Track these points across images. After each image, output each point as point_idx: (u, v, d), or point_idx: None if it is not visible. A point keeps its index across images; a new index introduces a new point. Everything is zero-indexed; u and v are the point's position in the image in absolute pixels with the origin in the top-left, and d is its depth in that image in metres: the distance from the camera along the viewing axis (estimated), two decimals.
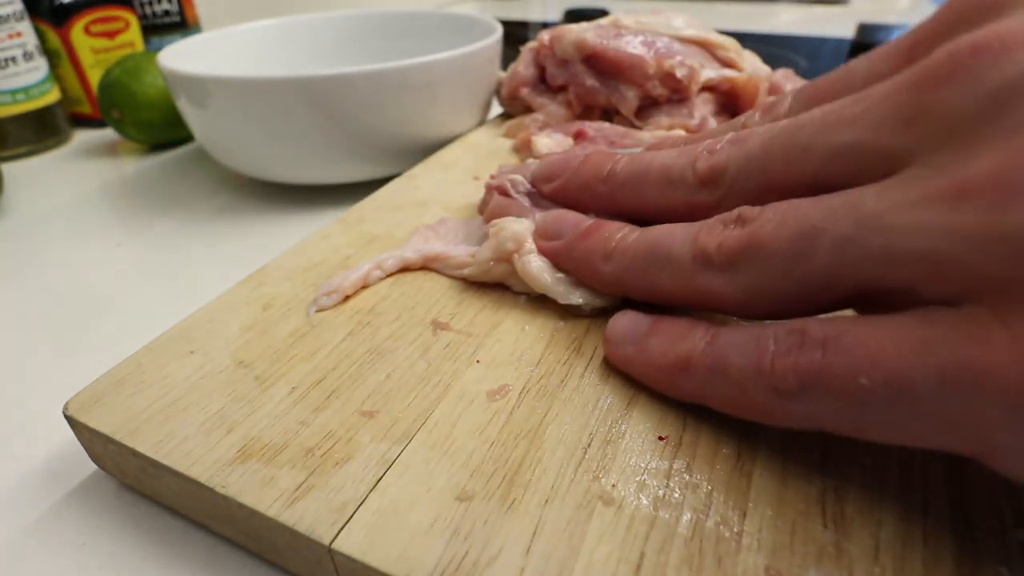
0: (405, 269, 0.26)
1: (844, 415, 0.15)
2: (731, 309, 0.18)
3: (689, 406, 0.18)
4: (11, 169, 0.47)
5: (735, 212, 0.18)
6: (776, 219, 0.16)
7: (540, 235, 0.23)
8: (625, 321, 0.20)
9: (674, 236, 0.19)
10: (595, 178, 0.23)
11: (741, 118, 0.23)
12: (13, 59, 0.46)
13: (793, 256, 0.16)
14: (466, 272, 0.24)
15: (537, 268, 0.22)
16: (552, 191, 0.24)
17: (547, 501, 0.16)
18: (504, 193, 0.26)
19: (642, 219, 0.21)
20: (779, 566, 0.14)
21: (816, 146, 0.17)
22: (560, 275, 0.22)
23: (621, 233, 0.21)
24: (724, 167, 0.19)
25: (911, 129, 0.15)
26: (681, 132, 0.37)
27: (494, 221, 0.25)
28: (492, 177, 0.27)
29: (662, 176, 0.21)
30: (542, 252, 0.23)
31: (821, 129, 0.17)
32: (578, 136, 0.36)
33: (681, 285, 0.18)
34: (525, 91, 0.42)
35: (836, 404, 0.14)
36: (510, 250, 0.23)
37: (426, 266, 0.26)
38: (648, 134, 0.35)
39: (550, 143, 0.35)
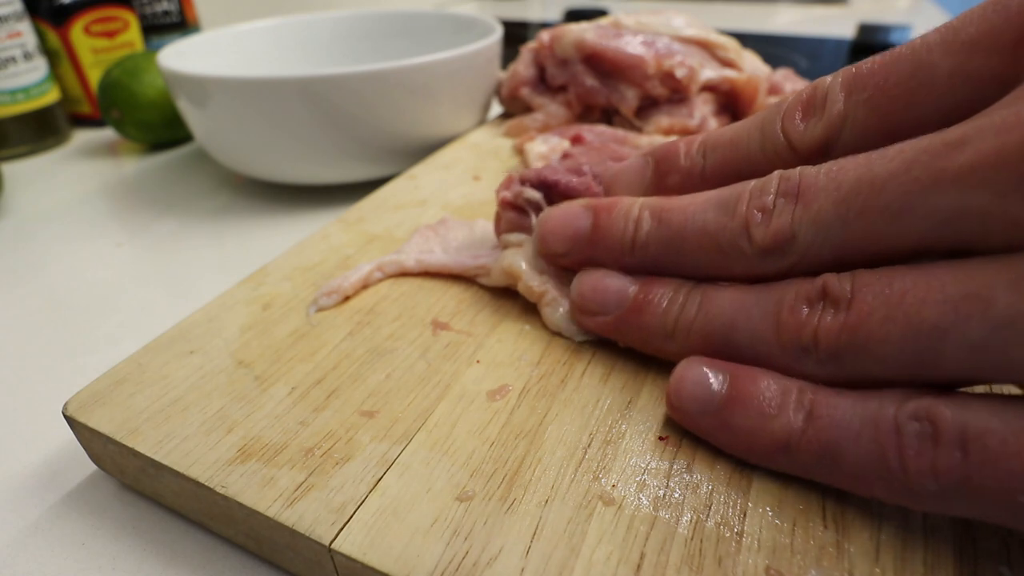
0: (404, 274, 0.26)
1: (998, 518, 0.13)
2: (825, 384, 0.16)
3: None
4: (11, 169, 0.47)
5: (819, 285, 0.15)
6: (880, 310, 0.14)
7: (580, 310, 0.20)
8: (692, 383, 0.17)
9: (751, 317, 0.16)
10: (618, 250, 0.19)
11: (772, 117, 0.18)
12: (13, 59, 0.46)
13: (912, 359, 0.14)
14: (480, 281, 0.24)
15: (562, 318, 0.21)
16: (570, 265, 0.21)
17: (547, 501, 0.16)
18: (519, 209, 0.24)
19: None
20: (779, 566, 0.14)
21: (913, 211, 0.13)
22: None
23: (678, 304, 0.18)
24: (790, 235, 0.16)
25: None
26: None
27: (508, 238, 0.24)
28: (505, 189, 0.24)
29: (706, 242, 0.17)
30: (587, 328, 0.20)
31: (915, 187, 0.13)
32: (575, 140, 0.36)
33: (774, 371, 0.16)
34: (525, 91, 0.42)
35: (986, 509, 0.13)
36: (529, 298, 0.22)
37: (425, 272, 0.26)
38: (647, 138, 0.35)
39: (544, 149, 0.35)
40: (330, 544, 0.15)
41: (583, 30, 0.39)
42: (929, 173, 0.13)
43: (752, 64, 0.41)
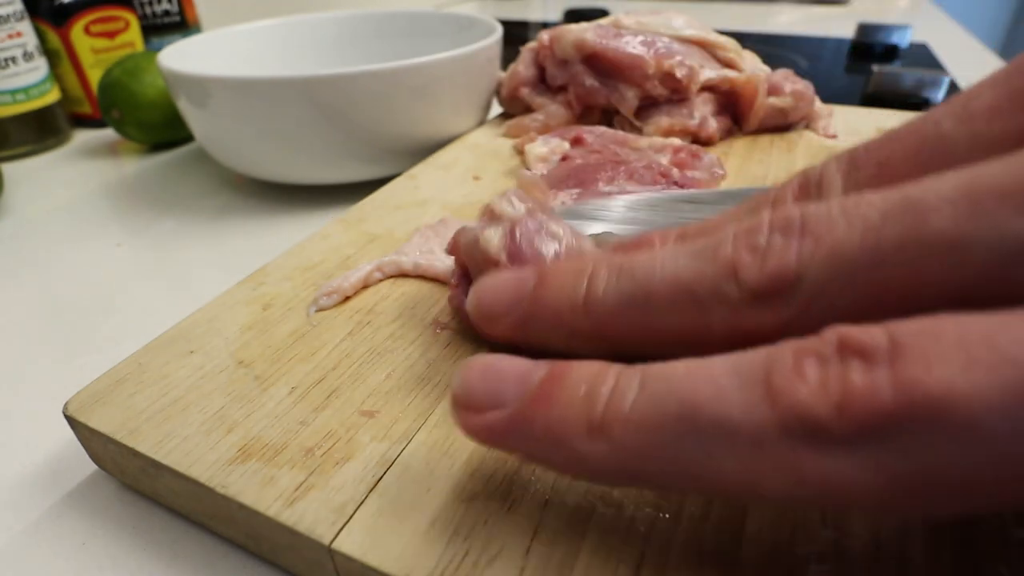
0: (404, 275, 0.26)
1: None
2: (861, 503, 0.10)
3: None
4: (11, 169, 0.47)
5: (833, 339, 0.11)
6: (955, 362, 0.09)
7: (462, 405, 0.14)
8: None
9: (723, 389, 0.11)
10: (568, 308, 0.15)
11: (761, 198, 0.15)
12: (13, 59, 0.46)
13: (1009, 432, 0.09)
14: None
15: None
16: (505, 334, 0.17)
17: (547, 501, 0.16)
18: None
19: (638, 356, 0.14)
20: (779, 566, 0.14)
21: (977, 239, 0.10)
22: None
23: (608, 385, 0.12)
24: (794, 275, 0.12)
25: None
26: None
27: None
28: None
29: (680, 293, 0.13)
30: (471, 433, 0.14)
31: (979, 209, 0.10)
32: (575, 142, 0.36)
33: (764, 474, 0.11)
34: (525, 91, 0.42)
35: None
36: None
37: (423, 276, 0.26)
38: (647, 140, 0.35)
39: (544, 151, 0.35)
40: (330, 544, 0.15)
41: (583, 30, 0.39)
42: (996, 192, 0.10)
43: (752, 64, 0.41)
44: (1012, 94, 0.12)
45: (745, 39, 0.45)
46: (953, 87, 0.56)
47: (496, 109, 0.46)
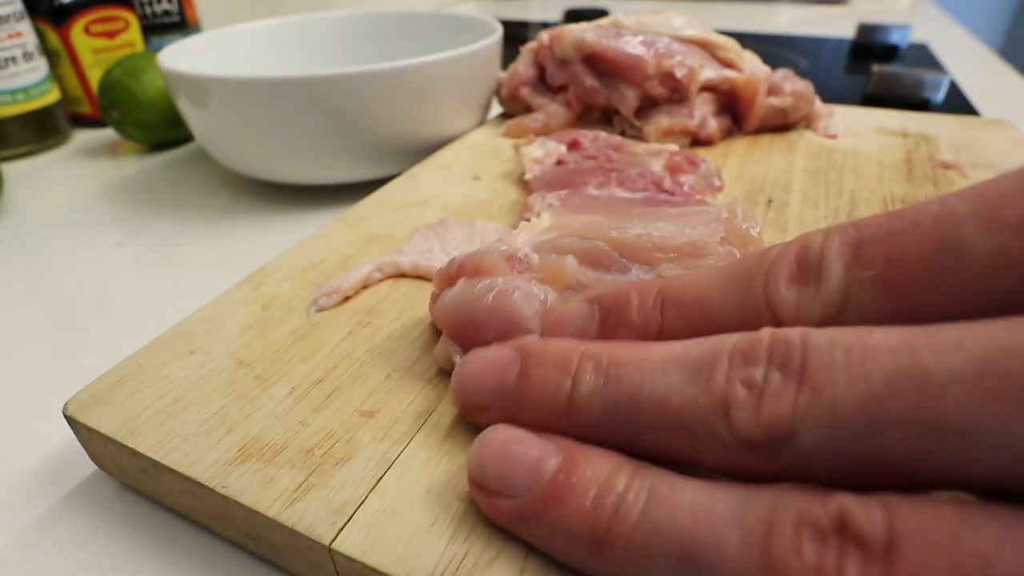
0: (404, 275, 0.26)
1: None
2: None
3: None
4: (11, 169, 0.47)
5: (834, 512, 0.11)
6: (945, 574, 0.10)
7: (477, 486, 0.15)
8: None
9: (722, 542, 0.11)
10: (550, 410, 0.15)
11: (752, 277, 0.14)
12: (13, 59, 0.46)
13: None
14: None
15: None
16: (490, 423, 0.16)
17: None
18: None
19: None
20: None
21: (985, 437, 0.10)
22: None
23: (615, 495, 0.13)
24: (789, 430, 0.11)
25: None
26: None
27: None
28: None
29: (667, 418, 0.13)
30: (487, 514, 0.15)
31: (991, 406, 0.10)
32: (572, 146, 0.36)
33: None
34: (525, 91, 0.42)
35: None
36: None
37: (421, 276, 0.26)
38: (644, 146, 0.35)
39: (539, 154, 0.35)
40: (330, 544, 0.15)
41: (583, 30, 0.39)
42: (1014, 381, 0.10)
43: (752, 64, 0.41)
44: None
45: (745, 39, 0.45)
46: (953, 87, 0.56)
47: (496, 109, 0.46)
